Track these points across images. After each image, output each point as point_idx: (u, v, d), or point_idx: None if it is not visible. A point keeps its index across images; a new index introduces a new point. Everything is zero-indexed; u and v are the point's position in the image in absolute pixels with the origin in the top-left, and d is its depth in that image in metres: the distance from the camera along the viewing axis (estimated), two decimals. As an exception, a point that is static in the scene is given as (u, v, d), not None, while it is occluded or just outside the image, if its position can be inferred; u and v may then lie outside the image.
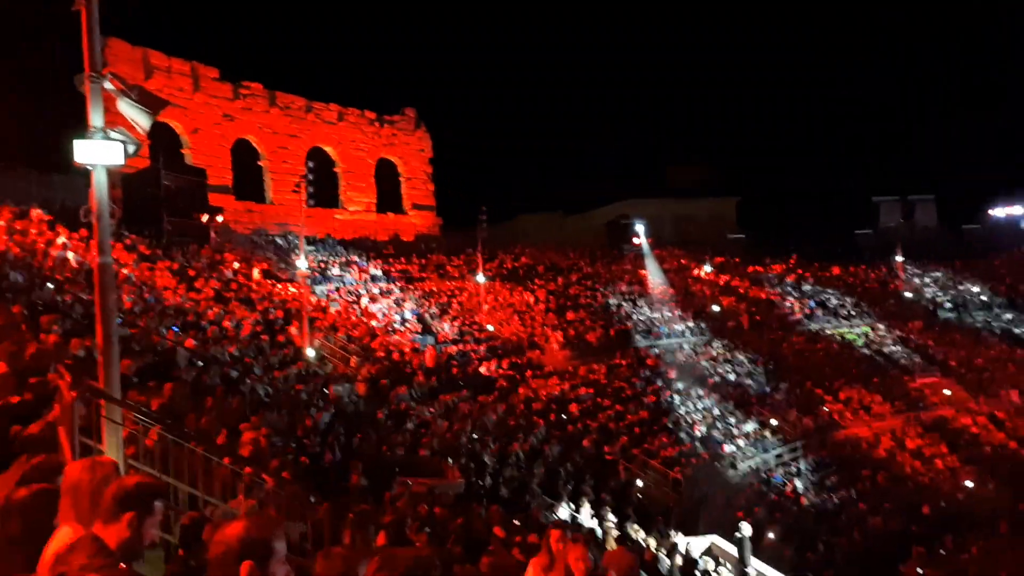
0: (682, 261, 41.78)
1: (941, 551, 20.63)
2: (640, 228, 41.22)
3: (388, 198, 41.84)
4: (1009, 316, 39.57)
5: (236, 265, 25.49)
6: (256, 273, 25.70)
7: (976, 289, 41.92)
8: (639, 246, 40.69)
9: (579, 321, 31.73)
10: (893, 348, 35.94)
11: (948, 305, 40.48)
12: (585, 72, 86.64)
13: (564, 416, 22.42)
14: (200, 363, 14.48)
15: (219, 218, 30.56)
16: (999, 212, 49.92)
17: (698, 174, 55.46)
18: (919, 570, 19.42)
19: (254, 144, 37.17)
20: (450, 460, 15.75)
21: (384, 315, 27.05)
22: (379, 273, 31.66)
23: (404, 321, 27.04)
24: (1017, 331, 38.19)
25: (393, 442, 15.89)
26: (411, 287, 30.82)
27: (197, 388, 12.99)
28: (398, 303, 28.72)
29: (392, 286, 30.58)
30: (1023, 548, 20.65)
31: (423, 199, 43.20)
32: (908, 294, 41.22)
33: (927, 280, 42.75)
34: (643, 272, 38.24)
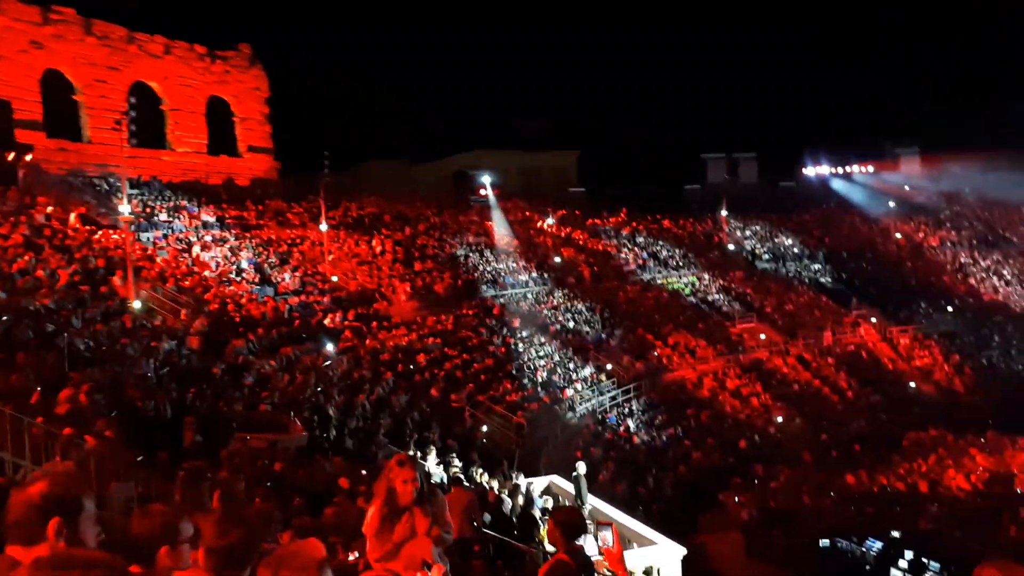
0: (526, 213, 42.53)
1: (755, 480, 22.75)
2: (487, 179, 41.46)
3: (221, 139, 39.33)
4: (817, 267, 43.58)
5: (49, 209, 23.23)
6: (73, 218, 23.56)
7: (790, 242, 45.75)
8: (486, 197, 40.97)
9: (427, 272, 31.67)
10: (716, 296, 38.65)
11: (766, 256, 43.94)
12: (434, 20, 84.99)
13: (412, 366, 22.45)
14: (8, 316, 13.16)
15: (28, 157, 27.60)
16: (811, 171, 54.51)
17: (541, 127, 56.40)
18: (736, 498, 21.36)
19: (67, 76, 33.60)
20: (292, 414, 15.37)
21: (218, 265, 25.68)
22: (212, 220, 29.88)
23: (240, 271, 25.82)
24: (823, 280, 42.18)
25: (231, 398, 15.28)
26: (247, 235, 29.36)
27: (6, 343, 11.83)
28: (233, 252, 27.33)
29: (227, 234, 29.00)
30: (823, 475, 23.19)
31: (259, 141, 40.99)
32: (731, 246, 44.30)
33: (748, 233, 46.09)
34: (489, 223, 38.61)
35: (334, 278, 27.99)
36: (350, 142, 53.31)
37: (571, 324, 32.19)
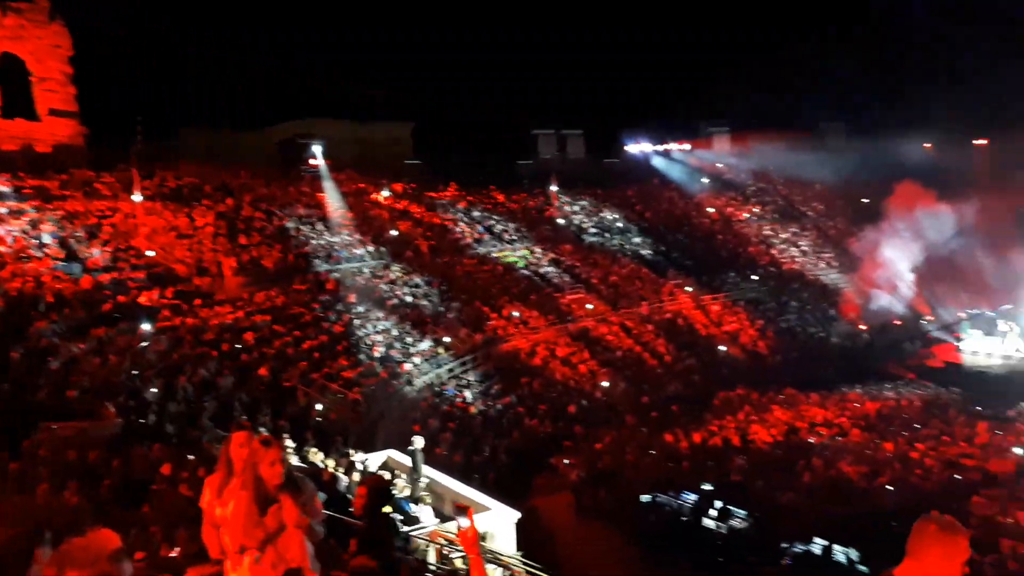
0: (360, 185, 41.68)
1: (583, 443, 23.92)
2: (317, 149, 40.12)
3: (16, 101, 35.25)
4: (638, 240, 46.04)
5: None
6: None
7: (613, 216, 47.98)
8: (316, 167, 39.66)
9: (253, 246, 30.31)
10: (548, 269, 39.93)
11: (592, 230, 45.85)
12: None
13: (238, 346, 21.52)
14: None
15: None
16: (633, 148, 57.27)
17: (376, 97, 55.23)
18: (566, 461, 22.38)
19: None
20: (104, 400, 14.33)
21: (15, 239, 23.23)
22: (7, 190, 26.89)
23: (42, 246, 23.51)
24: (644, 252, 44.64)
25: (34, 384, 13.99)
26: (50, 207, 26.73)
27: None
28: (34, 225, 24.82)
29: (25, 205, 26.26)
30: (645, 435, 24.77)
31: (62, 104, 37.10)
32: (560, 220, 45.82)
33: (576, 208, 47.84)
34: (321, 195, 37.47)
35: (150, 253, 26.15)
36: (166, 107, 49.54)
37: (409, 298, 32.10)
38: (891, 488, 19.42)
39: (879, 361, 36.79)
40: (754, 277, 44.18)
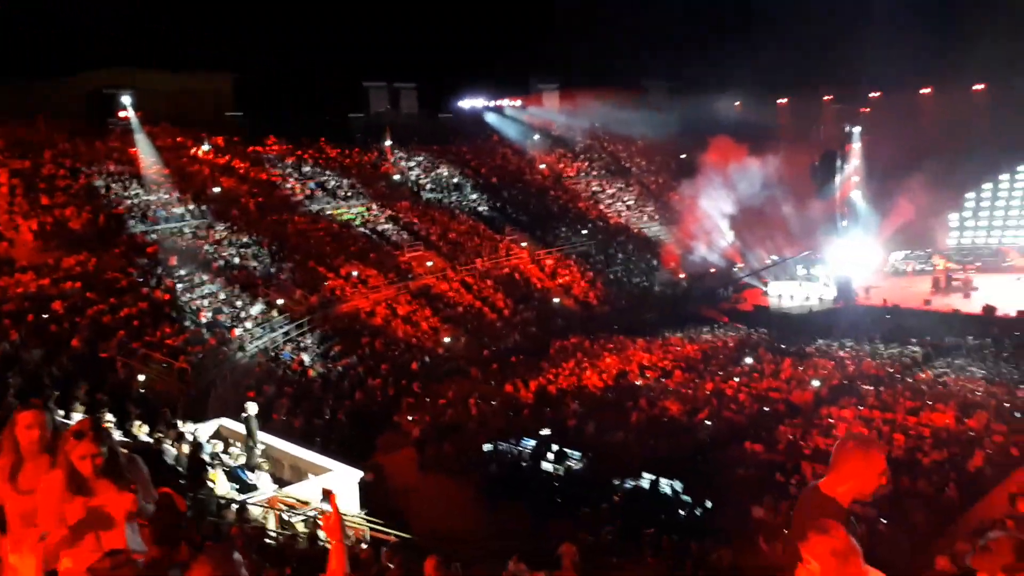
0: (178, 139, 38.89)
1: (426, 399, 24.12)
2: (127, 100, 36.85)
3: None
4: (475, 196, 46.42)
5: None
6: None
7: (449, 172, 48.00)
8: (128, 121, 36.49)
9: (57, 206, 27.60)
10: (385, 226, 39.42)
11: (430, 186, 45.65)
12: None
13: (45, 316, 19.67)
14: None
15: None
16: (467, 104, 57.25)
17: (190, 46, 51.30)
18: (409, 417, 22.50)
19: None
20: None
21: None
22: None
23: None
24: (481, 209, 45.11)
25: None
26: None
27: None
28: None
29: None
30: (486, 387, 25.36)
31: None
32: (396, 176, 45.23)
33: (412, 164, 47.36)
34: (134, 151, 34.61)
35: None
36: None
37: (236, 260, 30.61)
38: (709, 423, 21.16)
39: (697, 306, 39.67)
40: (584, 231, 45.92)
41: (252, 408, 14.93)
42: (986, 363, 28.10)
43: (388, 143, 45.81)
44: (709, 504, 15.72)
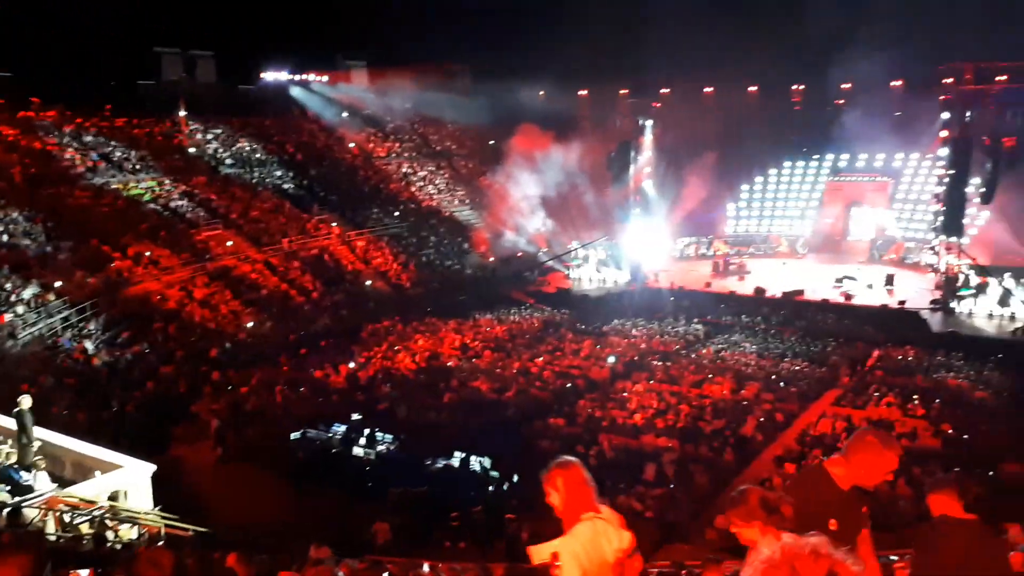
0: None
1: (228, 387, 22.93)
2: None
3: None
4: (280, 173, 44.54)
5: None
6: None
7: (252, 147, 45.65)
8: None
9: None
10: (179, 203, 36.82)
11: (229, 161, 43.17)
12: None
13: None
14: None
15: None
16: (270, 76, 54.58)
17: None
18: (209, 407, 21.36)
19: None
20: None
21: None
22: None
23: None
24: (286, 186, 43.39)
25: None
26: None
27: None
28: None
29: None
30: (294, 372, 24.61)
31: None
32: (192, 149, 42.32)
33: (209, 136, 44.50)
34: None
35: None
36: None
37: (4, 237, 27.30)
38: (515, 399, 22.01)
39: (506, 289, 40.86)
40: (396, 213, 45.63)
41: (26, 401, 13.48)
42: (757, 339, 31.45)
43: (183, 113, 42.69)
44: (516, 478, 16.42)
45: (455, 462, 17.40)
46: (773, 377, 25.02)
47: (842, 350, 28.75)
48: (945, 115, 35.21)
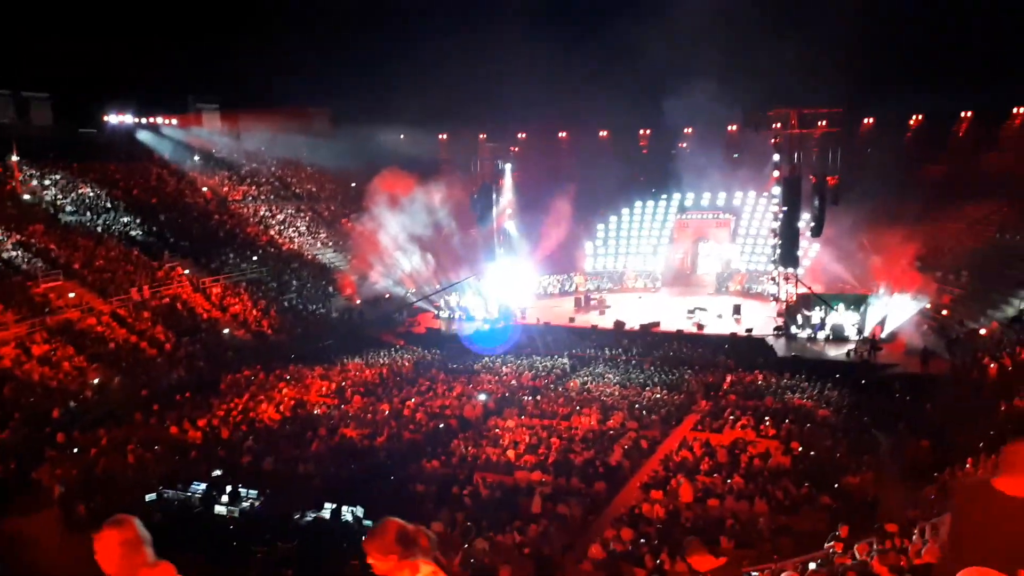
0: None
1: (73, 450, 21.28)
2: None
3: None
4: (126, 219, 42.09)
5: None
6: None
7: (95, 192, 42.96)
8: None
9: None
10: (14, 253, 34.03)
11: (70, 208, 40.40)
12: None
13: None
14: None
15: None
16: (114, 118, 51.74)
17: None
18: (53, 472, 19.70)
19: None
20: None
21: None
22: None
23: None
24: (133, 233, 41.06)
25: None
26: None
27: None
28: None
29: None
30: (147, 430, 23.14)
31: None
32: (27, 196, 39.34)
33: (47, 182, 41.54)
34: None
35: None
36: None
37: None
38: (387, 444, 21.70)
39: (374, 331, 40.36)
40: (254, 257, 44.17)
41: None
42: (619, 370, 32.67)
43: (15, 158, 39.65)
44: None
45: (326, 514, 16.89)
46: (636, 406, 26.04)
47: (698, 377, 30.35)
48: (776, 156, 38.34)
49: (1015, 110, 50.21)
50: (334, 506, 16.90)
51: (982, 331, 31.72)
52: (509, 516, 16.39)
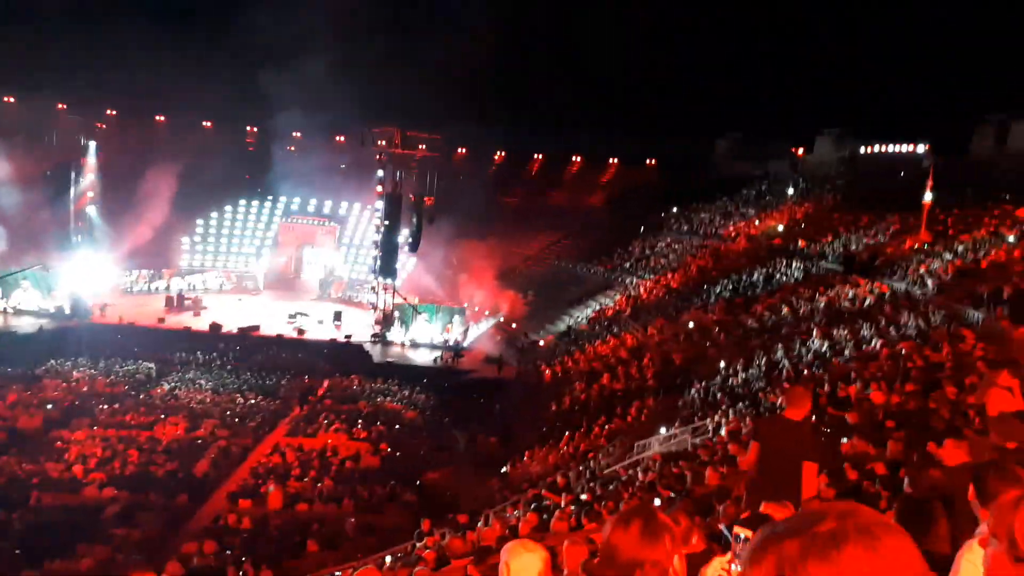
0: None
1: None
2: None
3: None
4: None
5: None
6: None
7: None
8: None
9: None
10: None
11: None
12: None
13: None
14: None
15: None
16: None
17: None
18: None
19: None
20: None
21: None
22: None
23: None
24: None
25: None
26: None
27: None
28: None
29: None
30: None
31: None
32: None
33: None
34: None
35: None
36: None
37: None
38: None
39: None
40: None
41: None
42: (213, 375, 31.14)
43: None
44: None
45: None
46: (228, 413, 25.18)
47: (295, 382, 30.40)
48: (380, 172, 40.19)
49: (574, 157, 60.20)
50: None
51: (541, 343, 37.37)
52: (70, 540, 14.69)
